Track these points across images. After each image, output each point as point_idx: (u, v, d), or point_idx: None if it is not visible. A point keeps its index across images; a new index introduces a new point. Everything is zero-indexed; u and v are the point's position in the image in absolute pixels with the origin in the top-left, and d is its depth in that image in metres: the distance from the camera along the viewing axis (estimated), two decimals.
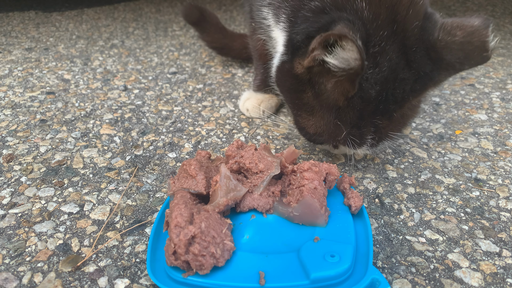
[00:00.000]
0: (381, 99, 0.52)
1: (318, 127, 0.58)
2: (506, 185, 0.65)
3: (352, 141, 0.56)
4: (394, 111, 0.55)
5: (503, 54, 1.39)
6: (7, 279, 0.45)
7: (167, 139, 0.80)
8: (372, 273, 0.42)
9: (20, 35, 1.60)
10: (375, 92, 0.51)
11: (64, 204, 0.59)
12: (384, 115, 0.55)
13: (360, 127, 0.55)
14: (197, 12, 1.16)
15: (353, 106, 0.53)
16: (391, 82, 0.51)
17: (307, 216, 0.48)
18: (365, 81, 0.50)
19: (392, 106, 0.54)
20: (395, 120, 0.56)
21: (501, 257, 0.50)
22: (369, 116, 0.54)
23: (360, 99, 0.52)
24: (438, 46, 0.50)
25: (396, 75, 0.51)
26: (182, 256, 0.40)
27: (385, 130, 0.57)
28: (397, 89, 0.52)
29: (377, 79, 0.50)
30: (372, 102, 0.52)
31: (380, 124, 0.55)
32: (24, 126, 0.84)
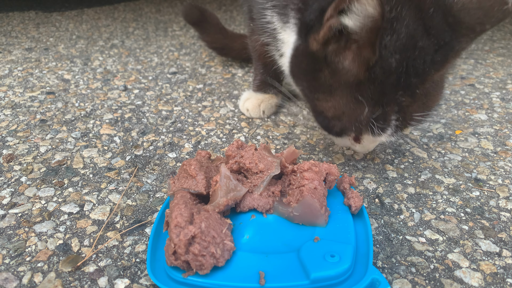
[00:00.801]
0: (401, 70, 0.48)
1: (337, 108, 0.53)
2: (506, 185, 0.65)
3: (376, 123, 0.52)
4: (416, 86, 0.50)
5: (503, 54, 1.39)
6: (7, 279, 0.45)
7: (167, 139, 0.80)
8: (372, 273, 0.42)
9: (20, 35, 1.60)
10: (395, 62, 0.48)
11: (64, 204, 0.59)
12: (407, 90, 0.50)
13: (383, 104, 0.51)
14: (197, 12, 1.16)
15: (374, 79, 0.49)
16: (410, 51, 0.48)
17: (307, 216, 0.48)
18: (384, 48, 0.47)
19: (414, 79, 0.50)
20: (418, 99, 0.52)
21: (501, 257, 0.50)
22: (391, 91, 0.50)
23: (381, 70, 0.48)
24: (454, 9, 0.48)
25: (415, 43, 0.48)
26: (182, 256, 0.40)
27: (409, 110, 0.52)
28: (417, 59, 0.48)
29: (396, 47, 0.47)
30: (393, 73, 0.49)
31: (403, 101, 0.51)
32: (24, 126, 0.84)
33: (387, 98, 0.50)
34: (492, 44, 1.51)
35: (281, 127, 0.86)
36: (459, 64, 1.28)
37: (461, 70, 1.22)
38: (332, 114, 0.55)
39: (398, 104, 0.51)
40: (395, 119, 0.52)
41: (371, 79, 0.49)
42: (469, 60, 1.33)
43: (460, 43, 0.50)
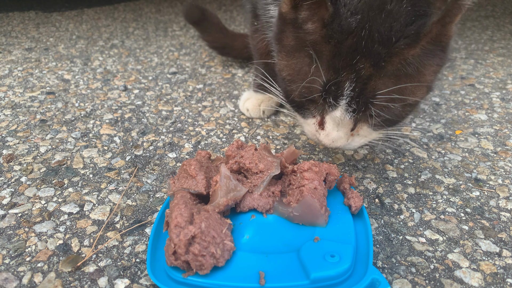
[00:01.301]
0: (364, 33, 0.44)
1: (292, 68, 0.50)
2: (506, 185, 0.65)
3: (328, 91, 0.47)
4: (381, 56, 0.45)
5: (503, 54, 1.39)
6: (7, 279, 0.45)
7: (167, 139, 0.80)
8: (372, 273, 0.42)
9: (20, 35, 1.60)
10: (355, 22, 0.44)
11: (64, 204, 0.59)
12: (368, 57, 0.45)
13: (338, 68, 0.46)
14: (198, 12, 1.16)
15: (330, 38, 0.45)
16: (375, 12, 0.44)
17: (307, 216, 0.48)
18: (343, 6, 0.44)
19: (378, 47, 0.44)
20: (384, 73, 0.46)
21: (501, 257, 0.50)
22: (348, 55, 0.45)
23: (338, 29, 0.44)
24: None
25: (383, 4, 0.44)
26: (182, 256, 0.40)
27: (370, 82, 0.46)
28: (383, 24, 0.44)
29: (357, 6, 0.44)
30: (352, 35, 0.44)
31: (362, 68, 0.45)
32: (24, 126, 0.84)
33: (343, 62, 0.45)
34: (492, 44, 1.51)
35: (281, 127, 0.86)
36: (459, 64, 1.28)
37: (461, 70, 1.22)
38: (288, 74, 0.51)
39: (356, 71, 0.46)
40: (351, 88, 0.46)
41: (327, 38, 0.46)
42: (469, 60, 1.33)
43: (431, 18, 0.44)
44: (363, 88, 0.47)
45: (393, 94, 0.46)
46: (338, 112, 0.49)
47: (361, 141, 0.56)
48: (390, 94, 0.46)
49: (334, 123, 0.51)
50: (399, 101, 0.47)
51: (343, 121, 0.50)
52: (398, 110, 0.49)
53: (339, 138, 0.53)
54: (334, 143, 0.54)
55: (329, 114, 0.51)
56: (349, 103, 0.47)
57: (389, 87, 0.46)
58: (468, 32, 1.69)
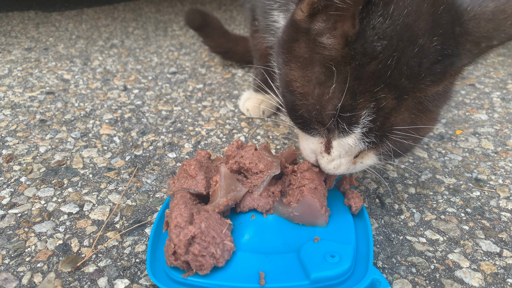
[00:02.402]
0: (391, 63, 0.41)
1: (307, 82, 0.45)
2: (507, 185, 0.65)
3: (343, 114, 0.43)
4: (406, 90, 0.42)
5: (504, 54, 1.39)
6: (6, 279, 0.45)
7: (167, 139, 0.80)
8: (373, 273, 0.42)
9: (20, 35, 1.60)
10: (381, 47, 0.41)
11: (64, 204, 0.59)
12: (392, 89, 0.42)
13: (356, 94, 0.42)
14: (199, 17, 1.15)
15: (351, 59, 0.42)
16: (406, 44, 0.41)
17: (307, 216, 0.48)
18: (371, 28, 0.41)
19: (405, 81, 0.42)
20: (406, 108, 0.43)
21: (502, 257, 0.50)
22: (369, 81, 0.42)
23: (361, 50, 0.41)
24: (465, 17, 0.42)
25: (415, 38, 0.41)
26: (182, 256, 0.40)
27: (390, 116, 0.43)
28: (414, 58, 0.41)
29: (386, 32, 0.41)
30: (375, 59, 0.41)
31: (384, 99, 0.42)
32: (24, 126, 0.84)
33: (362, 87, 0.42)
34: None
35: (281, 127, 0.86)
36: None
37: None
38: (300, 87, 0.46)
39: (376, 100, 0.42)
40: (370, 119, 0.43)
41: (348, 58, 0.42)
42: None
43: (461, 59, 0.43)
44: (383, 121, 0.44)
45: (410, 131, 0.44)
46: (350, 139, 0.45)
47: (360, 168, 0.52)
48: (407, 131, 0.44)
49: (342, 150, 0.47)
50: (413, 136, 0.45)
51: (352, 149, 0.46)
52: (410, 145, 0.47)
53: (341, 165, 0.49)
54: (335, 169, 0.50)
55: (338, 139, 0.46)
56: (366, 133, 0.44)
57: (408, 123, 0.44)
58: None
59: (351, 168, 0.50)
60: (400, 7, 0.41)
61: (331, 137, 0.47)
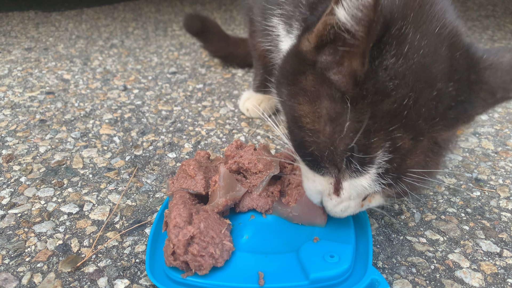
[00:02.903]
0: (407, 103, 0.39)
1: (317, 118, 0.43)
2: (507, 185, 0.65)
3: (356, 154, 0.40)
4: (422, 131, 0.41)
5: None
6: (6, 280, 0.45)
7: (167, 139, 0.80)
8: (372, 274, 0.42)
9: (20, 35, 1.60)
10: (392, 86, 0.39)
11: (64, 204, 0.59)
12: (408, 129, 0.40)
13: (370, 133, 0.40)
14: (198, 23, 1.15)
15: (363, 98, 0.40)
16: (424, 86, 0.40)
17: (306, 216, 0.48)
18: (383, 69, 0.39)
19: (421, 123, 0.40)
20: (421, 149, 0.42)
21: (502, 257, 0.50)
22: (384, 119, 0.40)
23: (373, 89, 0.39)
24: (481, 65, 0.41)
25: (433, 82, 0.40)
26: (181, 256, 0.40)
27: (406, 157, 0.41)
28: (432, 101, 0.40)
29: (398, 71, 0.39)
30: (389, 98, 0.39)
31: (400, 139, 0.40)
32: (24, 126, 0.84)
33: (377, 126, 0.40)
34: (493, 44, 1.51)
35: (281, 127, 0.86)
36: None
37: None
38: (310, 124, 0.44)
39: (392, 140, 0.40)
40: (386, 159, 0.41)
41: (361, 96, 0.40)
42: None
43: (474, 108, 0.42)
44: (401, 162, 0.41)
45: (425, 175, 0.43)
46: (364, 180, 0.42)
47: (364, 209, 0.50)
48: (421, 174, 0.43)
49: (354, 192, 0.44)
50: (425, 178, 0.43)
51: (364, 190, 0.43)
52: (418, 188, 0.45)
53: (349, 208, 0.46)
54: (342, 212, 0.46)
55: (350, 180, 0.43)
56: (382, 174, 0.41)
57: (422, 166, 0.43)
58: (469, 32, 1.69)
59: (358, 209, 0.47)
60: (415, 47, 0.40)
61: (341, 178, 0.44)
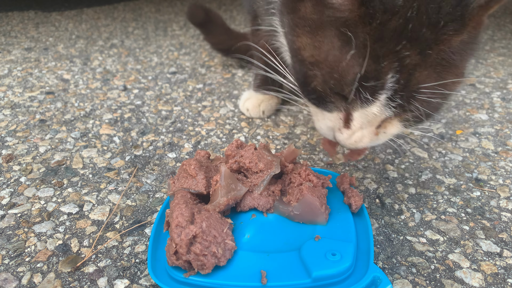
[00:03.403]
0: (411, 14, 0.37)
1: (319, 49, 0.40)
2: (507, 185, 0.65)
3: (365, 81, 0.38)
4: (428, 42, 0.38)
5: (504, 53, 1.39)
6: (6, 280, 0.45)
7: (166, 139, 0.80)
8: (374, 271, 0.42)
9: (20, 35, 1.60)
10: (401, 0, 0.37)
11: (64, 204, 0.59)
12: (414, 43, 0.37)
13: (379, 57, 0.37)
14: (202, 13, 1.15)
15: (370, 18, 0.37)
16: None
17: (308, 215, 0.48)
18: None
19: (426, 31, 0.37)
20: (430, 62, 0.39)
21: (502, 258, 0.50)
22: (392, 39, 0.37)
23: (381, 7, 0.36)
24: None
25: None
26: (184, 255, 0.40)
27: (415, 72, 0.38)
28: (432, 4, 0.37)
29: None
30: (396, 15, 0.37)
31: (407, 56, 0.37)
32: (24, 126, 0.84)
33: (386, 49, 0.37)
34: (493, 44, 1.51)
35: (281, 127, 0.86)
36: None
37: None
38: (311, 56, 0.41)
39: (400, 59, 0.38)
40: (394, 81, 0.38)
41: (366, 17, 0.38)
42: None
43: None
44: (408, 80, 0.39)
45: (437, 87, 0.40)
46: (375, 108, 0.40)
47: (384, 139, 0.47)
48: (434, 88, 0.40)
49: (365, 120, 0.42)
50: (441, 95, 0.41)
51: (376, 118, 0.42)
52: (437, 104, 0.42)
53: (364, 137, 0.44)
54: (357, 143, 0.45)
55: (361, 110, 0.41)
56: (391, 97, 0.39)
57: (434, 79, 0.40)
58: None
59: (374, 140, 0.45)
60: None
61: (351, 109, 0.42)
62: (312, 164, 0.72)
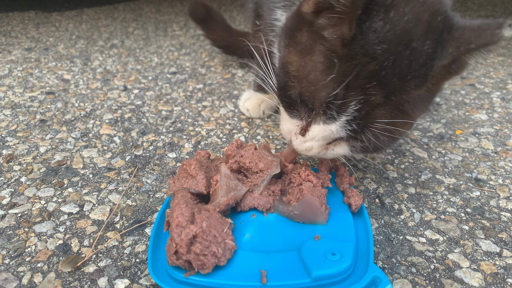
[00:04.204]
0: (387, 64, 0.45)
1: (303, 67, 0.49)
2: (507, 185, 0.65)
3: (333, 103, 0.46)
4: (394, 89, 0.46)
5: (504, 54, 1.39)
6: (7, 279, 0.45)
7: (167, 139, 0.80)
8: (373, 271, 0.42)
9: (20, 35, 1.60)
10: (381, 50, 0.44)
11: (64, 204, 0.59)
12: (382, 87, 0.46)
13: (350, 87, 0.46)
14: (203, 10, 1.15)
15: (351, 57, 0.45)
16: (403, 48, 0.45)
17: (308, 215, 0.48)
18: (372, 31, 0.44)
19: (395, 81, 0.46)
20: (390, 106, 0.47)
21: (502, 257, 0.50)
22: (366, 78, 0.46)
23: (362, 51, 0.45)
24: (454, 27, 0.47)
25: (410, 41, 0.45)
26: (184, 255, 0.40)
27: (375, 110, 0.47)
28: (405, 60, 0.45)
29: (386, 36, 0.44)
30: (375, 60, 0.45)
31: (373, 95, 0.46)
32: (24, 126, 0.84)
33: (357, 82, 0.46)
34: None
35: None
36: None
37: None
38: (295, 70, 0.50)
39: (366, 94, 0.46)
40: (356, 108, 0.46)
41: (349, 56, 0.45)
42: None
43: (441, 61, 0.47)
44: (367, 113, 0.47)
45: (389, 125, 0.48)
46: (333, 126, 0.49)
47: (331, 156, 0.55)
48: (386, 125, 0.48)
49: (320, 133, 0.50)
50: (389, 133, 0.49)
51: (330, 135, 0.50)
52: (384, 141, 0.50)
53: (313, 148, 0.53)
54: (307, 151, 0.53)
55: (321, 125, 0.50)
56: (349, 121, 0.48)
57: (388, 119, 0.48)
58: None
59: (322, 153, 0.54)
60: (400, 14, 0.45)
61: (312, 121, 0.51)
62: (312, 164, 0.72)
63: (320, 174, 0.56)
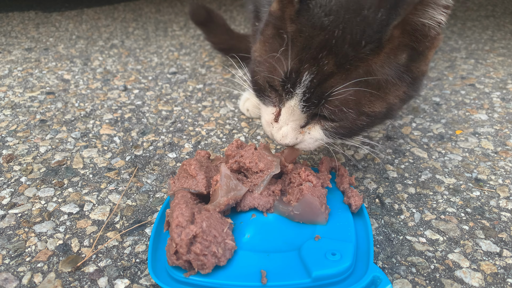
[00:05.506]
0: (337, 33, 0.46)
1: (265, 50, 0.53)
2: (507, 185, 0.65)
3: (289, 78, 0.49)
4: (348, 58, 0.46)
5: (504, 54, 1.39)
6: (7, 280, 0.45)
7: (167, 139, 0.80)
8: (373, 271, 0.42)
9: (20, 35, 1.60)
10: (328, 21, 0.47)
11: (64, 204, 0.59)
12: (334, 55, 0.47)
13: (303, 61, 0.48)
14: (204, 13, 1.15)
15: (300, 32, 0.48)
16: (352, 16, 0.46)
17: (308, 215, 0.48)
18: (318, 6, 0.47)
19: (347, 48, 0.46)
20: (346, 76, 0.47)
21: (502, 257, 0.50)
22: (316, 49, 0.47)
23: (309, 24, 0.47)
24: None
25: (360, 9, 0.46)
26: (184, 255, 0.40)
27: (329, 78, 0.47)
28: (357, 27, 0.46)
29: (332, 8, 0.47)
30: (324, 31, 0.47)
31: (325, 64, 0.47)
32: (24, 126, 0.84)
33: (309, 55, 0.47)
34: (493, 44, 1.51)
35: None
36: (459, 64, 1.28)
37: (462, 70, 1.22)
38: (259, 55, 0.54)
39: (319, 65, 0.47)
40: (309, 79, 0.47)
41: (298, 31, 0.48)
42: (470, 60, 1.33)
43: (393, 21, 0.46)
44: (321, 82, 0.48)
45: (349, 95, 0.48)
46: (293, 101, 0.50)
47: (314, 143, 0.55)
48: (345, 94, 0.47)
49: (288, 114, 0.52)
50: (354, 105, 0.48)
51: (295, 113, 0.51)
52: (351, 117, 0.50)
53: (288, 133, 0.53)
54: (284, 138, 0.54)
55: (286, 104, 0.51)
56: (304, 92, 0.49)
57: (349, 90, 0.47)
58: (469, 32, 1.69)
59: (300, 138, 0.54)
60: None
61: (281, 106, 0.53)
62: (312, 164, 0.72)
63: (320, 174, 0.56)
